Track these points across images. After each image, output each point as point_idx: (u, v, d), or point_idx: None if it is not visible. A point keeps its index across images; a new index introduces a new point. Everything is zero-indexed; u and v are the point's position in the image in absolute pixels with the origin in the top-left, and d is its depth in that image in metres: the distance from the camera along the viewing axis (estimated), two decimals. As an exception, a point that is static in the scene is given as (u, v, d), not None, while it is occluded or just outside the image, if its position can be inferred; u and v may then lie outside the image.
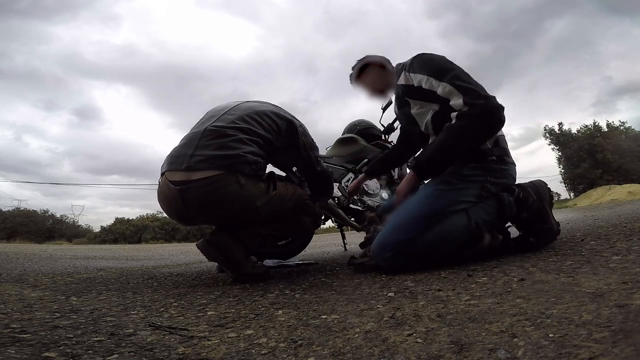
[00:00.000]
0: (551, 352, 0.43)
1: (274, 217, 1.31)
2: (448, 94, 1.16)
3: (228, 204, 1.18)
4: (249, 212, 1.22)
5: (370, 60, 1.53)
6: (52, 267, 2.24)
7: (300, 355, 0.53)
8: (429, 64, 1.26)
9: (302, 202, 1.38)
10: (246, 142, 1.21)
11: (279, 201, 1.28)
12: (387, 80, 1.49)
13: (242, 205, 1.20)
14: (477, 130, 1.13)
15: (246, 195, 1.18)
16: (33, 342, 0.59)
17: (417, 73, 1.25)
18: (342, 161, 2.26)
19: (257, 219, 1.27)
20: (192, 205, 1.17)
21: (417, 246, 1.12)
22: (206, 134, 1.22)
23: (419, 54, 1.33)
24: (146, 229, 27.95)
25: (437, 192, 1.19)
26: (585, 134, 27.63)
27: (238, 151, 1.17)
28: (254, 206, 1.21)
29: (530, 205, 1.24)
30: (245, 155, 1.18)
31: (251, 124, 1.27)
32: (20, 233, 27.16)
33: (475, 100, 1.11)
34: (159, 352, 0.56)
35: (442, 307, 0.69)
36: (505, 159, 1.26)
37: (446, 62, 1.24)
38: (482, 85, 1.18)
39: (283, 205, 1.30)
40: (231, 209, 1.20)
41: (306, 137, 1.40)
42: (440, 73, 1.20)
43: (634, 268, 0.78)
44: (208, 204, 1.17)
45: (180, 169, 1.16)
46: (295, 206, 1.35)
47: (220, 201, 1.16)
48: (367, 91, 1.55)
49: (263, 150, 1.26)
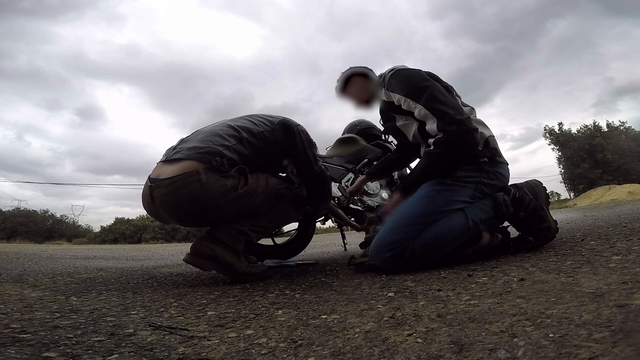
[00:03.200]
0: (551, 352, 0.43)
1: (248, 213, 1.28)
2: (424, 117, 1.23)
3: (190, 204, 1.18)
4: (211, 212, 1.21)
5: (354, 71, 1.55)
6: (52, 267, 2.24)
7: (300, 355, 0.52)
8: (405, 83, 1.29)
9: (276, 192, 1.32)
10: (226, 139, 1.24)
11: (248, 198, 1.24)
12: (371, 90, 1.50)
13: (203, 206, 1.19)
14: (453, 155, 1.21)
15: (206, 195, 1.16)
16: (33, 342, 0.59)
17: (395, 93, 1.30)
18: (342, 161, 2.25)
19: (227, 218, 1.26)
20: (158, 203, 1.19)
21: (415, 246, 1.12)
22: (197, 133, 1.28)
23: (395, 70, 1.35)
24: (146, 229, 27.94)
25: (432, 193, 1.21)
26: (585, 134, 27.62)
27: (211, 144, 1.21)
28: (215, 206, 1.19)
29: (527, 205, 1.25)
30: (215, 147, 1.20)
31: (240, 122, 1.32)
32: (20, 233, 27.15)
33: (447, 128, 1.17)
34: (159, 352, 0.56)
35: (442, 307, 0.69)
36: (497, 159, 1.28)
37: (421, 80, 1.27)
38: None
39: (254, 201, 1.26)
40: (193, 209, 1.19)
41: (304, 135, 1.39)
42: (416, 94, 1.24)
43: (634, 268, 0.78)
44: (170, 203, 1.18)
45: (161, 160, 1.24)
46: (269, 198, 1.30)
47: (180, 201, 1.17)
48: (354, 102, 1.56)
49: (251, 147, 1.27)
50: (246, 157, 1.27)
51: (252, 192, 1.25)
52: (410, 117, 1.30)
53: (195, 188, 1.14)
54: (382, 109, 1.47)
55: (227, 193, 1.19)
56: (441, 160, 1.21)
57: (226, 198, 1.19)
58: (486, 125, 1.34)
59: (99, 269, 2.06)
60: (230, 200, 1.20)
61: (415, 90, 1.25)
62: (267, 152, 1.34)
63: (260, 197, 1.28)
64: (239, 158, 1.24)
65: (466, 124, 1.17)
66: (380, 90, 1.40)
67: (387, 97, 1.34)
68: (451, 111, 1.18)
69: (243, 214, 1.28)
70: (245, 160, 1.26)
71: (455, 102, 1.26)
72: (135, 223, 29.26)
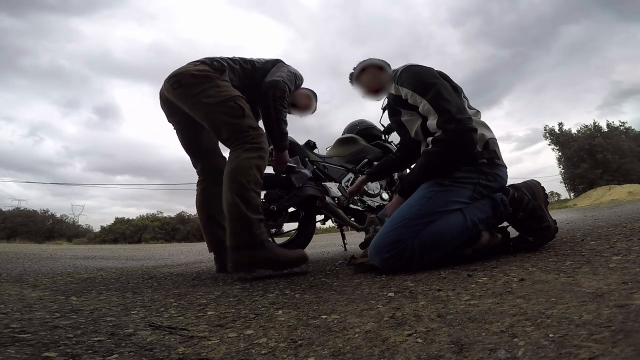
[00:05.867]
0: (551, 352, 0.43)
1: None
2: (426, 112, 1.24)
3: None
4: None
5: (372, 62, 1.60)
6: (52, 267, 2.24)
7: (300, 355, 0.52)
8: (414, 78, 1.31)
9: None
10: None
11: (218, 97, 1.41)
12: (382, 82, 1.55)
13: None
14: (451, 154, 1.21)
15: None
16: (33, 342, 0.59)
17: (404, 87, 1.32)
18: (342, 161, 2.25)
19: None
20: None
21: (414, 246, 1.13)
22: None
23: (408, 66, 1.38)
24: (146, 228, 27.95)
25: (430, 194, 1.21)
26: (586, 134, 27.62)
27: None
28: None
29: (526, 205, 1.25)
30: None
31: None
32: (20, 233, 27.16)
33: (447, 125, 1.18)
34: (159, 352, 0.56)
35: (442, 307, 0.69)
36: (495, 161, 1.29)
37: (430, 77, 1.29)
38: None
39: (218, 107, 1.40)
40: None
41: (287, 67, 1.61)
42: (423, 89, 1.26)
43: (634, 268, 0.78)
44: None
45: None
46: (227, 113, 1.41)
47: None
48: (363, 90, 1.61)
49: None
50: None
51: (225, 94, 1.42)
52: (416, 112, 1.31)
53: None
54: (389, 102, 1.50)
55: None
56: (439, 159, 1.22)
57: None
58: (489, 128, 1.35)
59: (99, 269, 2.07)
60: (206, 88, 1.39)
61: (423, 86, 1.26)
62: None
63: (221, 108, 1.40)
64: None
65: (465, 122, 1.18)
66: (390, 84, 1.43)
67: (396, 90, 1.36)
68: (453, 109, 1.19)
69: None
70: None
71: (460, 102, 1.26)
72: (135, 223, 29.27)
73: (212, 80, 1.43)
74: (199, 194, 1.66)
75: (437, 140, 1.21)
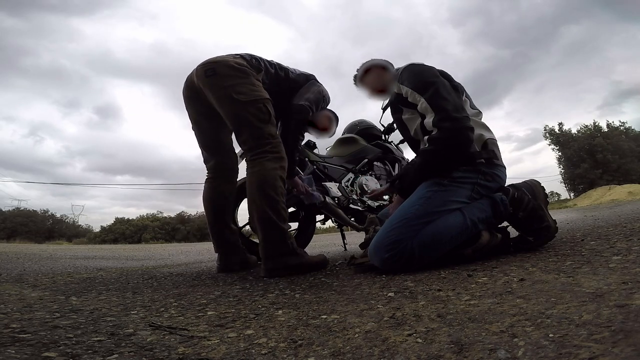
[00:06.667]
0: (551, 352, 0.43)
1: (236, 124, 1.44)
2: (424, 110, 1.25)
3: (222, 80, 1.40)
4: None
5: (375, 63, 1.60)
6: (52, 267, 2.24)
7: (300, 355, 0.52)
8: (414, 76, 1.32)
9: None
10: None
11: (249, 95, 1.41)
12: (386, 82, 1.55)
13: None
14: (447, 152, 1.21)
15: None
16: (33, 342, 0.59)
17: (405, 85, 1.32)
18: (342, 161, 2.25)
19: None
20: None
21: (414, 246, 1.13)
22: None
23: (409, 64, 1.39)
24: (146, 228, 27.94)
25: (429, 194, 1.21)
26: (586, 134, 27.61)
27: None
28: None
29: (526, 205, 1.25)
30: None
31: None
32: (20, 233, 27.16)
33: (442, 123, 1.18)
34: (159, 352, 0.56)
35: (442, 307, 0.69)
36: (494, 161, 1.29)
37: (430, 76, 1.29)
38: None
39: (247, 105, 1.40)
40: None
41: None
42: (423, 87, 1.26)
43: (634, 268, 0.78)
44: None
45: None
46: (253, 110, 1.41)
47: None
48: (368, 91, 1.61)
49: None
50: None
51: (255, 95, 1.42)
52: (416, 110, 1.32)
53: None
54: (392, 100, 1.51)
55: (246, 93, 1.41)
56: (435, 157, 1.22)
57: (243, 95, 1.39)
58: (488, 129, 1.34)
59: (99, 269, 2.07)
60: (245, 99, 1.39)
61: (422, 84, 1.27)
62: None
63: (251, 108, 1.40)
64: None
65: (461, 121, 1.18)
66: (394, 83, 1.44)
67: (398, 88, 1.37)
68: (450, 108, 1.19)
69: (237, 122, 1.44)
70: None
71: (458, 102, 1.26)
72: (135, 223, 29.26)
73: (248, 76, 1.41)
74: (209, 190, 1.64)
75: (433, 138, 1.20)
